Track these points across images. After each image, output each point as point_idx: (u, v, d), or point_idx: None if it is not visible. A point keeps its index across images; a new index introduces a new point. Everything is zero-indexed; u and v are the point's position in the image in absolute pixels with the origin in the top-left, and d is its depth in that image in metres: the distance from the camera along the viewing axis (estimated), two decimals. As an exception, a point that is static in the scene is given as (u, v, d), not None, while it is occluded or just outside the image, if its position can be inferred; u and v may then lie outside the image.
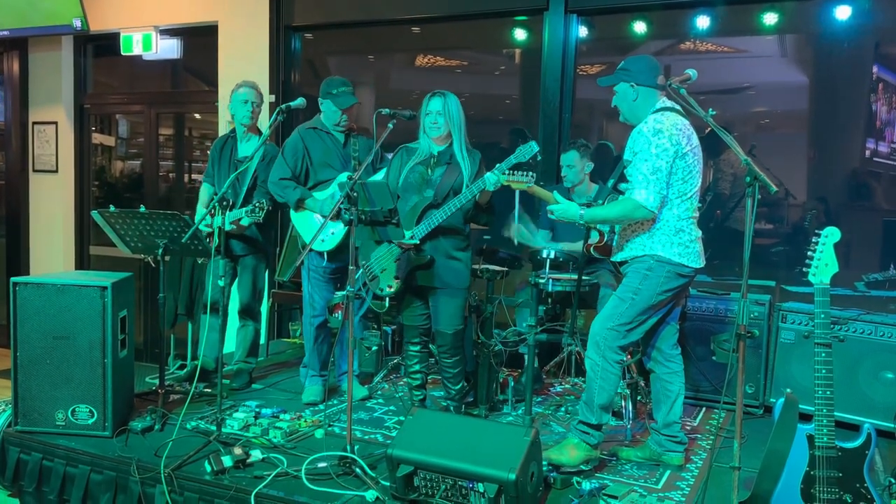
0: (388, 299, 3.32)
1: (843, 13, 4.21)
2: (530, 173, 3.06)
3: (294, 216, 3.80)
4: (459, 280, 3.33)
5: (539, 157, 4.55)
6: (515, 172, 3.06)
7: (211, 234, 3.66)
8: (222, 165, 4.00)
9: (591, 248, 3.16)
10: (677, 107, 2.91)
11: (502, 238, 4.26)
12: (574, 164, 4.06)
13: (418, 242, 3.23)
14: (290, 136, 3.82)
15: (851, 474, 2.33)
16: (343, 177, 3.68)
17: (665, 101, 2.94)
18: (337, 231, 3.68)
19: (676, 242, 2.85)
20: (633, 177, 2.83)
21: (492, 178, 3.09)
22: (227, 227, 3.21)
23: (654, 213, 2.80)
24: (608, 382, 2.91)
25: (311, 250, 3.69)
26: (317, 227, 3.71)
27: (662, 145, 2.77)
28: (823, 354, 2.34)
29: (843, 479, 2.32)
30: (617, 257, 3.05)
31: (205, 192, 4.11)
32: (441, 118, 3.27)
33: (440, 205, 3.22)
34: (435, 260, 3.26)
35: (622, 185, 3.01)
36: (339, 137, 3.78)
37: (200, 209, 4.05)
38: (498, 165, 3.11)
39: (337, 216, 3.62)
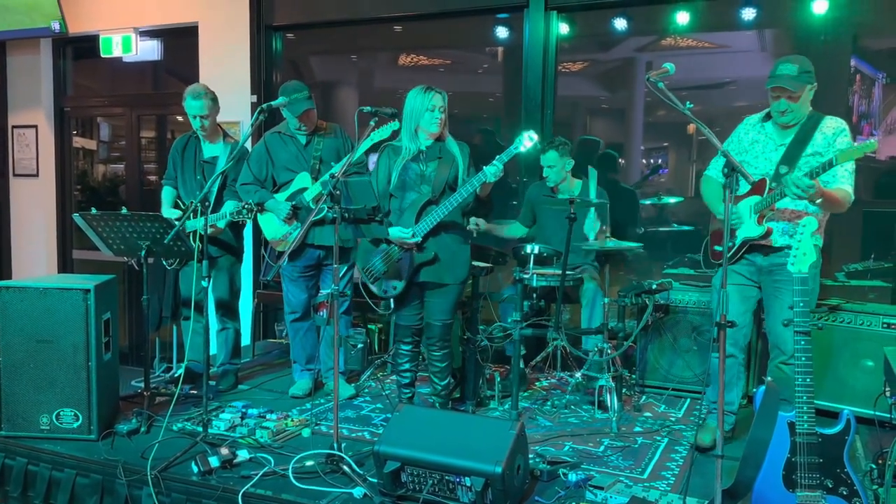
0: (391, 300, 3.32)
1: (820, 7, 4.25)
2: None
3: (259, 218, 3.87)
4: (460, 274, 3.33)
5: (539, 146, 4.56)
6: None
7: (192, 234, 3.67)
8: (186, 166, 3.98)
9: (761, 244, 3.11)
10: None
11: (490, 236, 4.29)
12: (554, 164, 4.09)
13: (420, 241, 3.23)
14: (258, 143, 3.87)
15: (832, 460, 2.36)
16: (304, 178, 3.72)
17: None
18: (291, 234, 3.76)
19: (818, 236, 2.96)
20: (842, 174, 2.96)
21: (491, 170, 3.09)
22: (202, 231, 3.19)
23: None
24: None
25: (278, 252, 3.77)
26: (277, 227, 3.81)
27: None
28: (803, 342, 2.37)
29: (824, 465, 2.36)
30: (779, 242, 3.05)
31: (167, 194, 4.07)
32: (444, 113, 3.27)
33: (438, 200, 3.22)
34: (439, 256, 3.26)
35: (823, 177, 2.94)
36: (301, 139, 3.79)
37: (167, 212, 3.97)
38: (498, 157, 3.11)
39: (292, 218, 3.67)
